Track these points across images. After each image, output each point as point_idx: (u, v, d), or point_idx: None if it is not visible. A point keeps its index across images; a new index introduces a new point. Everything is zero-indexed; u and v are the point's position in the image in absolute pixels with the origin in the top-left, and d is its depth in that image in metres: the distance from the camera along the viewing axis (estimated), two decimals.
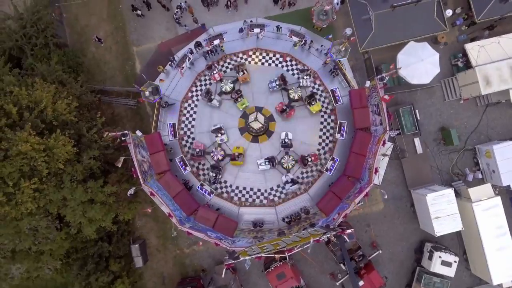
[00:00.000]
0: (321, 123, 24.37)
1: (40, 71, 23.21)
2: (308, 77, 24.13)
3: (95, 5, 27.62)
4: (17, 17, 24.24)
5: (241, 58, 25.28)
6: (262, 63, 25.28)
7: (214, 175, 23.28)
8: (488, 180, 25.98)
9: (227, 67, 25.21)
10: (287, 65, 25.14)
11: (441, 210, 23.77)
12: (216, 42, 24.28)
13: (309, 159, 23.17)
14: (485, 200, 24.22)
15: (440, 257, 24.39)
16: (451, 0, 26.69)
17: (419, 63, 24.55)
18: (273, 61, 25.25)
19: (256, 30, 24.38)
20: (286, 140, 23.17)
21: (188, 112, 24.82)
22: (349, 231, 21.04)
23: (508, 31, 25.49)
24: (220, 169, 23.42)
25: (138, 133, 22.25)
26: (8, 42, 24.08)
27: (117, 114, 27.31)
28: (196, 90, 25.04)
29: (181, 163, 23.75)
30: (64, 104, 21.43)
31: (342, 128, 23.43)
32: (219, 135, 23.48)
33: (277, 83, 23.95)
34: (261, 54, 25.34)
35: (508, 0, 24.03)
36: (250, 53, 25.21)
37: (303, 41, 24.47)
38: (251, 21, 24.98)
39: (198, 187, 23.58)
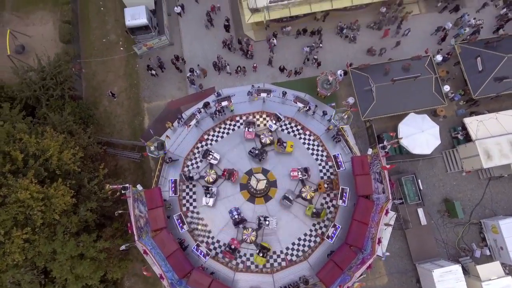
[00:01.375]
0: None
1: (52, 120, 23.90)
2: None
3: (114, 63, 29.50)
4: (39, 69, 25.68)
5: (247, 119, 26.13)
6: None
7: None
8: (497, 257, 24.86)
9: (238, 126, 25.82)
10: (292, 128, 25.81)
11: None
12: (224, 103, 25.32)
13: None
14: (495, 280, 22.88)
15: None
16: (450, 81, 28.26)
17: (420, 134, 25.15)
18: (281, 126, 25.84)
19: (263, 94, 25.56)
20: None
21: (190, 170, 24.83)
22: None
23: (504, 108, 26.55)
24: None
25: (139, 187, 22.11)
26: (26, 92, 25.18)
27: (120, 166, 27.48)
28: (202, 146, 25.30)
29: (179, 221, 23.16)
30: (70, 154, 21.69)
31: (344, 194, 23.18)
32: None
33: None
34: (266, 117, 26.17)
35: (502, 79, 25.42)
36: (257, 116, 26.11)
37: (308, 107, 25.45)
38: (258, 86, 26.32)
39: (194, 248, 22.65)
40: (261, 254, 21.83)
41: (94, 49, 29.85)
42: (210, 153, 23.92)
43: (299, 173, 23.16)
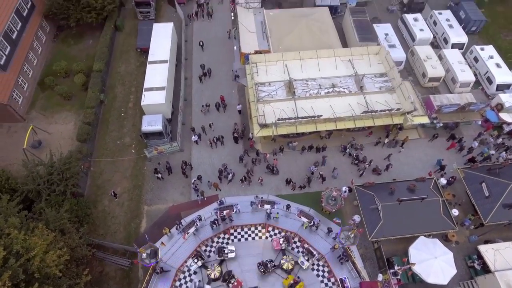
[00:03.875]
0: None
1: (46, 216, 23.04)
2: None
3: (123, 164, 30.16)
4: (49, 164, 26.12)
5: (249, 229, 25.01)
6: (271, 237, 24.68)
7: None
8: None
9: (235, 237, 24.54)
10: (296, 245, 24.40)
11: None
12: (226, 212, 24.63)
13: None
14: None
15: None
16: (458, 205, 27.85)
17: (433, 260, 23.34)
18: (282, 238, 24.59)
19: (267, 206, 25.05)
20: None
21: (182, 285, 22.62)
22: None
23: None
24: None
25: None
26: (30, 185, 25.07)
27: (106, 273, 25.10)
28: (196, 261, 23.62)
29: None
30: (55, 255, 20.06)
31: None
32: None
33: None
34: (269, 230, 25.10)
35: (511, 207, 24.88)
36: (259, 227, 25.08)
37: (312, 223, 24.52)
38: (262, 197, 26.03)
39: None
40: None
41: (107, 150, 31.00)
42: (224, 248, 23.42)
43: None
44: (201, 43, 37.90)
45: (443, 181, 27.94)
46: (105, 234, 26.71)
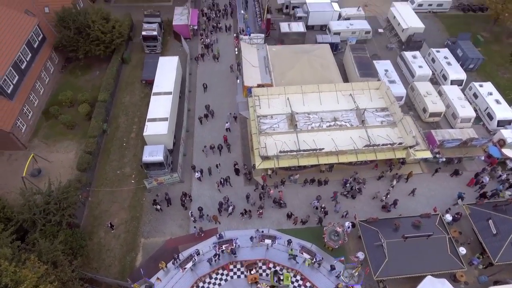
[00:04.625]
0: None
1: (40, 248, 22.30)
2: None
3: (121, 194, 29.68)
4: (47, 193, 25.69)
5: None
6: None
7: None
8: None
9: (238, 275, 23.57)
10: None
11: None
12: (225, 246, 23.84)
13: None
14: None
15: None
16: (464, 241, 26.97)
17: None
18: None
19: (268, 241, 24.27)
20: None
21: None
22: None
23: None
24: None
25: None
26: (26, 214, 24.45)
27: None
28: None
29: None
30: None
31: None
32: None
33: None
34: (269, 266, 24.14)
35: None
36: (260, 263, 24.13)
37: (314, 259, 23.61)
38: (262, 231, 25.29)
39: None
40: None
41: (106, 179, 30.66)
42: None
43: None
44: (204, 85, 37.82)
45: (448, 217, 27.26)
46: (99, 268, 25.68)
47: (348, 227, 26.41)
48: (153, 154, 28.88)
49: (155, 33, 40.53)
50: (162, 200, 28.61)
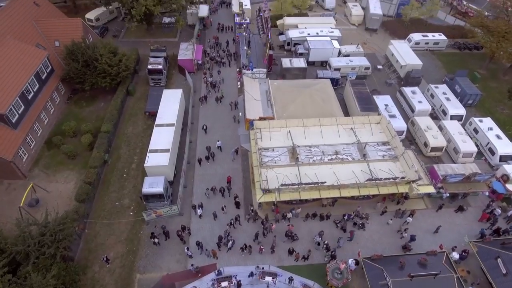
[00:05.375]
0: None
1: (31, 282, 21.44)
2: None
3: (119, 227, 29.01)
4: (43, 224, 25.10)
5: None
6: None
7: None
8: None
9: None
10: None
11: None
12: (224, 284, 22.89)
13: None
14: None
15: None
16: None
17: None
18: None
19: (268, 278, 23.34)
20: None
21: None
22: None
23: None
24: None
25: None
26: (19, 246, 23.75)
27: None
28: None
29: None
30: None
31: None
32: None
33: None
34: None
35: None
36: None
37: None
38: (263, 268, 24.39)
39: None
40: None
41: (104, 211, 30.14)
42: None
43: None
44: (204, 127, 37.15)
45: (455, 255, 26.33)
46: None
47: (352, 264, 25.47)
48: (153, 185, 28.58)
49: (160, 67, 41.74)
50: (160, 234, 27.91)
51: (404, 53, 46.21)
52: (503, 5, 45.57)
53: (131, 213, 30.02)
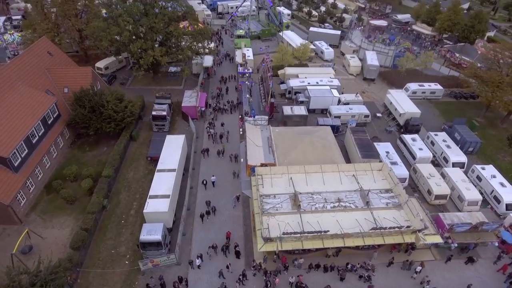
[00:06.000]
0: None
1: None
2: None
3: (113, 277, 27.66)
4: (34, 273, 24.00)
5: None
6: None
7: None
8: None
9: None
10: None
11: None
12: None
13: None
14: None
15: None
16: None
17: None
18: None
19: None
20: None
21: None
22: None
23: None
24: None
25: None
26: None
27: None
28: None
29: None
30: None
31: None
32: None
33: None
34: None
35: None
36: None
37: None
38: None
39: None
40: None
41: (99, 259, 28.95)
42: None
43: None
44: (204, 182, 35.87)
45: None
46: None
47: None
48: (151, 232, 27.77)
49: (164, 113, 42.77)
50: (156, 285, 26.51)
51: (402, 101, 47.47)
52: (494, 57, 47.68)
53: (127, 262, 28.82)
